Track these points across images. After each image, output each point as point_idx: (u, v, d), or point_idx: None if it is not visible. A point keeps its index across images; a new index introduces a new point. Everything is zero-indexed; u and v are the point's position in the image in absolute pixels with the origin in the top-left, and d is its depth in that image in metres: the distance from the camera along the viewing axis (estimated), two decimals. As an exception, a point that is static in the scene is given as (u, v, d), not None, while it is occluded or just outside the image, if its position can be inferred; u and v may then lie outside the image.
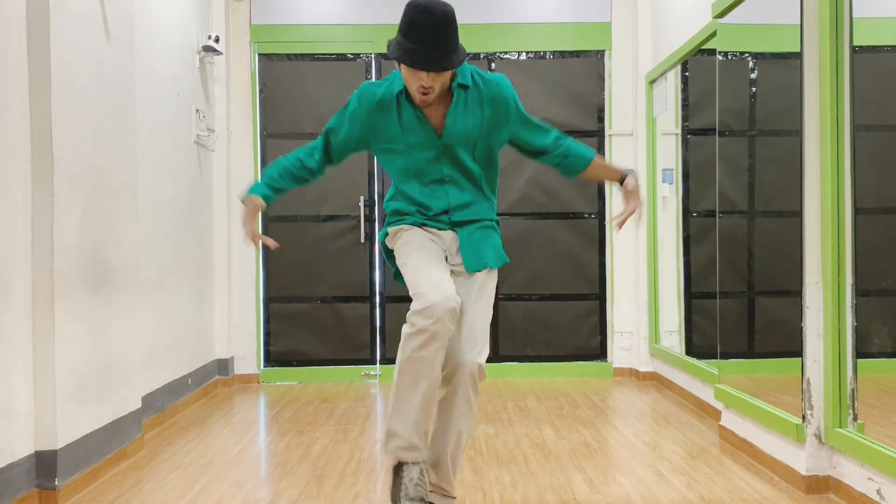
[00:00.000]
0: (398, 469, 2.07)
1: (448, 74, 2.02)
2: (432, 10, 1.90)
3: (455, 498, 2.22)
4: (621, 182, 2.39)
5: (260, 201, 2.14)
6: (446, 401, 2.12)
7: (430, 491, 2.12)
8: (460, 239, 2.20)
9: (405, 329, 1.99)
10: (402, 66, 1.98)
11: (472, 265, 2.17)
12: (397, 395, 2.04)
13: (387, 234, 2.26)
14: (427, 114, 2.10)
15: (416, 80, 1.98)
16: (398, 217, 2.22)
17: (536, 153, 2.26)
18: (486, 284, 2.19)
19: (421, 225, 2.20)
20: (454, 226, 2.21)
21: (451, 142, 2.11)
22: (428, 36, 1.90)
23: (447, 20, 1.91)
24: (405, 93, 2.08)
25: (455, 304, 1.99)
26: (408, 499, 2.01)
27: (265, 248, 4.84)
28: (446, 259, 2.19)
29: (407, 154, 2.14)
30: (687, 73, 4.22)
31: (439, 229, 2.21)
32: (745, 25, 3.14)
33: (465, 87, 2.10)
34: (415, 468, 2.04)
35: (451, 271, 2.18)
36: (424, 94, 2.01)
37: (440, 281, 2.02)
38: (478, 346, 2.10)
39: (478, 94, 2.11)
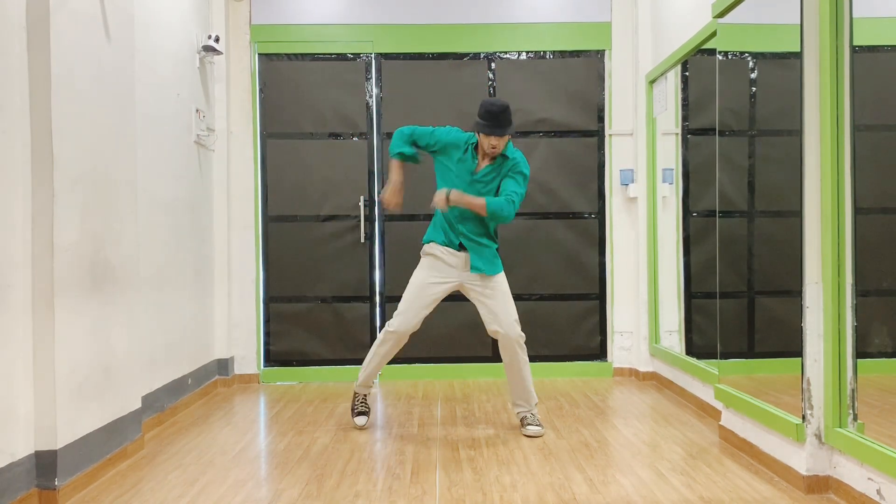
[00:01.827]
0: (355, 396, 3.65)
1: (507, 138, 3.29)
2: (496, 104, 3.24)
3: (535, 403, 3.50)
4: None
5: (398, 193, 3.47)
6: (511, 363, 3.42)
7: (527, 411, 3.47)
8: (471, 255, 3.38)
9: (381, 332, 3.50)
10: (481, 134, 3.27)
11: (489, 270, 3.38)
12: (367, 362, 3.55)
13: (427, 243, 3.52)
14: (479, 161, 3.39)
15: (488, 141, 3.27)
16: (431, 235, 3.50)
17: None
18: (501, 284, 3.42)
19: (443, 244, 3.43)
20: (466, 246, 3.39)
21: (479, 178, 3.36)
22: (495, 117, 3.23)
23: (505, 109, 3.25)
24: (475, 145, 3.38)
25: (412, 328, 3.42)
26: (356, 412, 3.61)
27: (265, 248, 4.85)
28: (466, 282, 3.43)
29: (453, 173, 3.40)
30: (687, 73, 4.22)
31: (456, 249, 3.40)
32: (745, 25, 3.14)
33: (504, 156, 3.36)
34: (361, 395, 3.64)
35: (473, 290, 3.41)
36: (493, 148, 3.29)
37: (412, 315, 3.40)
38: (514, 323, 3.38)
39: (509, 163, 3.36)
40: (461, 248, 3.39)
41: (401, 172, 3.46)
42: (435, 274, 3.41)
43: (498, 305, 3.36)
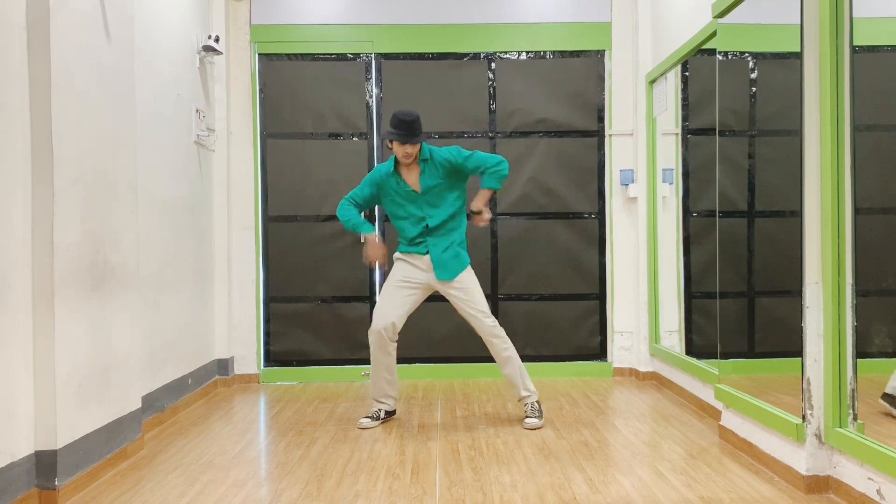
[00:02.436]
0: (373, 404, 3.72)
1: (417, 146, 3.45)
2: (405, 113, 3.42)
3: (533, 392, 3.61)
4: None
5: (379, 247, 3.60)
6: (494, 354, 3.61)
7: (527, 400, 3.59)
8: (433, 260, 3.53)
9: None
10: (394, 142, 3.44)
11: (451, 276, 3.54)
12: (371, 371, 3.66)
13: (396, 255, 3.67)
14: (407, 179, 3.55)
15: (402, 150, 3.44)
16: (399, 244, 3.66)
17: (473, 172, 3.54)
18: (465, 280, 3.56)
19: (406, 252, 3.60)
20: (428, 250, 3.55)
21: (423, 191, 3.52)
22: (405, 126, 3.41)
23: (414, 119, 3.42)
24: (395, 167, 3.54)
25: (388, 324, 3.52)
26: (364, 415, 3.72)
27: (265, 248, 4.85)
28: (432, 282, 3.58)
29: (399, 201, 3.59)
30: (687, 73, 4.22)
31: (420, 254, 3.57)
32: (745, 25, 3.14)
33: (425, 160, 3.51)
34: (375, 406, 3.69)
35: (443, 290, 3.57)
36: (406, 157, 3.45)
37: (386, 312, 3.54)
38: (482, 315, 3.54)
39: (432, 161, 3.51)
40: (426, 252, 3.57)
41: (373, 235, 3.60)
42: (404, 274, 3.59)
43: (466, 300, 3.53)
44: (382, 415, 3.66)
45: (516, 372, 3.57)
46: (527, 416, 3.54)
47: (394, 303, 3.55)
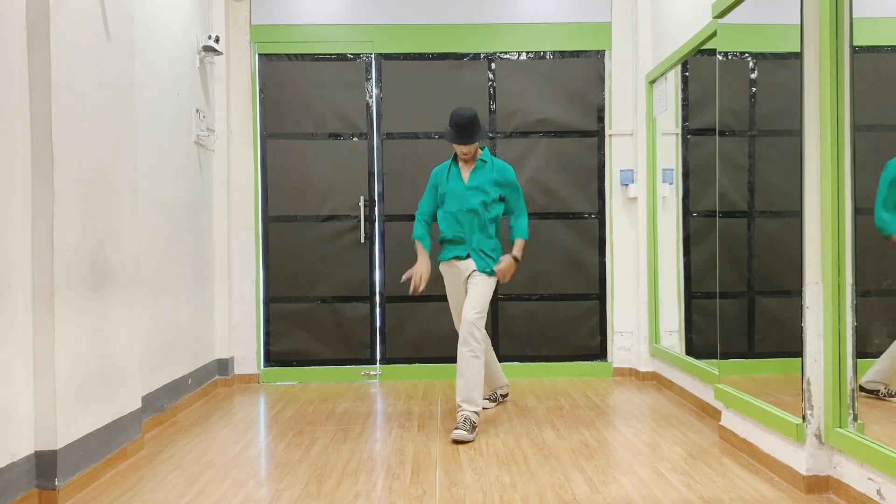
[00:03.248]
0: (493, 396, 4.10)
1: (475, 145, 3.59)
2: (463, 115, 3.52)
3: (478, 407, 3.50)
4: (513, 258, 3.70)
5: (425, 265, 3.65)
6: (459, 352, 3.49)
7: (463, 412, 3.46)
8: (473, 258, 3.63)
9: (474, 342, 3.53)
10: (452, 143, 3.58)
11: (479, 267, 3.63)
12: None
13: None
14: (462, 171, 3.69)
15: (460, 150, 3.60)
16: (441, 256, 3.78)
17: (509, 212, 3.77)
18: (486, 279, 3.61)
19: (447, 260, 3.72)
20: (469, 254, 3.65)
21: (470, 186, 3.63)
22: (462, 128, 3.53)
23: (472, 119, 3.52)
24: (453, 159, 3.72)
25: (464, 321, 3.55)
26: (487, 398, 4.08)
27: (265, 248, 4.85)
28: (467, 278, 3.67)
29: (450, 193, 3.68)
30: (687, 73, 4.22)
31: (460, 258, 3.67)
32: (745, 25, 3.14)
33: (483, 161, 3.66)
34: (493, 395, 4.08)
35: (469, 279, 3.64)
36: (465, 154, 3.60)
37: (456, 313, 3.79)
38: (472, 312, 3.49)
39: (492, 168, 3.65)
40: (466, 256, 3.65)
41: (426, 258, 3.66)
42: (453, 283, 3.75)
43: (472, 293, 3.56)
44: (499, 398, 4.07)
45: (474, 383, 3.44)
46: (456, 427, 3.34)
47: (458, 311, 3.77)
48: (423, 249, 3.66)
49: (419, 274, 3.59)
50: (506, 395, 4.10)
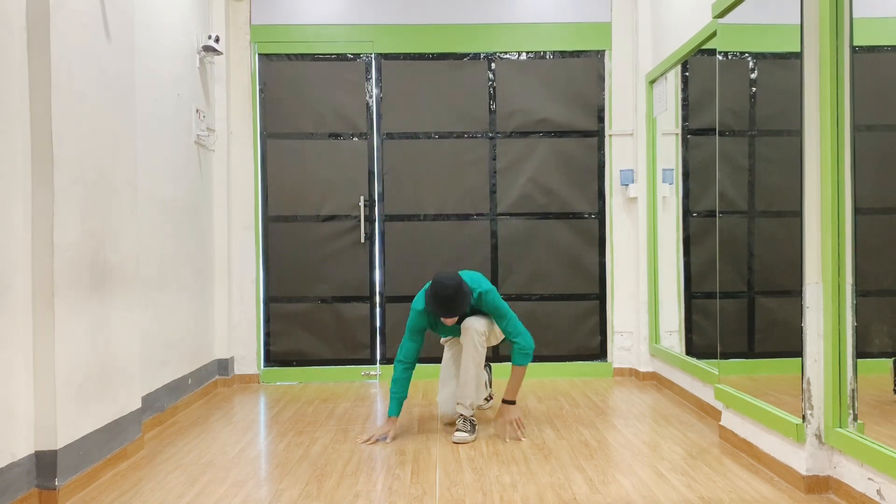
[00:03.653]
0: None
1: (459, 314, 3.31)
2: (445, 287, 3.19)
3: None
4: (507, 401, 3.43)
5: (393, 423, 3.39)
6: (463, 353, 3.39)
7: (462, 413, 3.42)
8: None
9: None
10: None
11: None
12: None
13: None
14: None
15: (445, 319, 3.33)
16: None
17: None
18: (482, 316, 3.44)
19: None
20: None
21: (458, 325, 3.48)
22: (445, 302, 3.20)
23: (455, 293, 3.20)
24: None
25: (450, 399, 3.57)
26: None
27: (265, 248, 4.85)
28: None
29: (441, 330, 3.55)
30: (687, 73, 4.22)
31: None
32: (745, 25, 3.14)
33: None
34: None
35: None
36: (448, 323, 3.35)
37: (447, 399, 3.57)
38: (477, 325, 3.37)
39: (479, 305, 3.38)
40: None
41: (393, 424, 3.38)
42: (450, 348, 3.69)
43: (476, 318, 3.40)
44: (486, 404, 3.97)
45: (472, 382, 3.41)
46: (457, 430, 3.36)
47: (448, 376, 3.61)
48: (392, 411, 3.38)
49: (381, 435, 3.33)
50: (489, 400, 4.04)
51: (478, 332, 3.35)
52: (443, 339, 3.80)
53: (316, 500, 2.57)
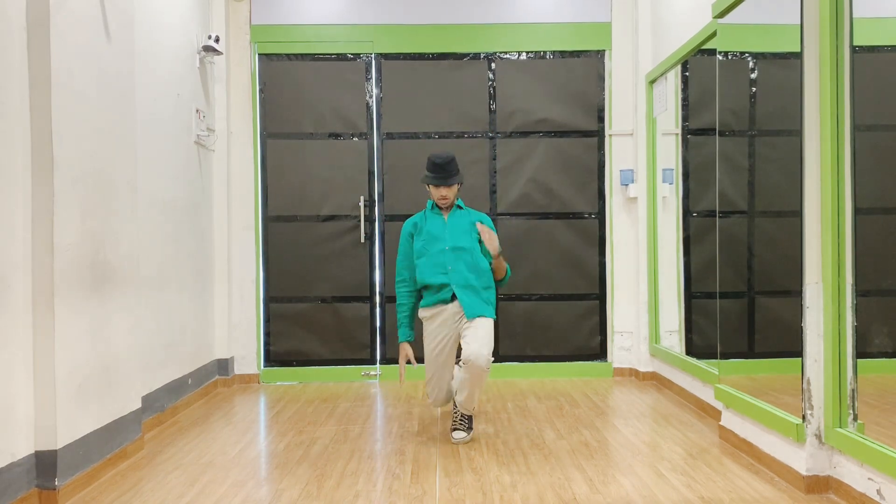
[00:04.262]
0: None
1: (455, 188, 3.42)
2: (440, 156, 3.37)
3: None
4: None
5: (409, 348, 3.48)
6: (471, 378, 3.21)
7: (462, 414, 3.39)
8: (461, 302, 3.31)
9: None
10: (430, 185, 3.40)
11: (469, 313, 3.30)
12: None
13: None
14: (442, 215, 3.46)
15: (437, 192, 3.39)
16: (422, 302, 3.48)
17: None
18: (486, 323, 3.29)
19: (430, 306, 3.40)
20: (454, 297, 3.35)
21: (450, 226, 3.42)
22: (441, 168, 3.36)
23: (450, 160, 3.38)
24: (430, 207, 3.49)
25: (443, 397, 3.45)
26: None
27: (265, 248, 4.85)
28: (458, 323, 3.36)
29: (429, 240, 3.43)
30: (687, 73, 4.22)
31: (445, 303, 3.35)
32: (745, 25, 3.14)
33: (459, 207, 3.48)
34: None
35: (462, 328, 3.32)
36: (443, 198, 3.39)
37: (433, 383, 3.43)
38: (486, 351, 3.19)
39: (467, 214, 3.47)
40: (452, 298, 3.34)
41: (406, 344, 3.47)
42: (435, 338, 3.37)
43: (476, 332, 3.22)
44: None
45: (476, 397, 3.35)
46: (456, 429, 3.35)
47: (439, 371, 3.39)
48: (403, 335, 3.44)
49: (403, 364, 3.44)
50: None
51: (485, 365, 3.16)
52: (424, 332, 3.47)
53: (316, 500, 2.57)
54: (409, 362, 3.49)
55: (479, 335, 3.19)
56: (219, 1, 4.66)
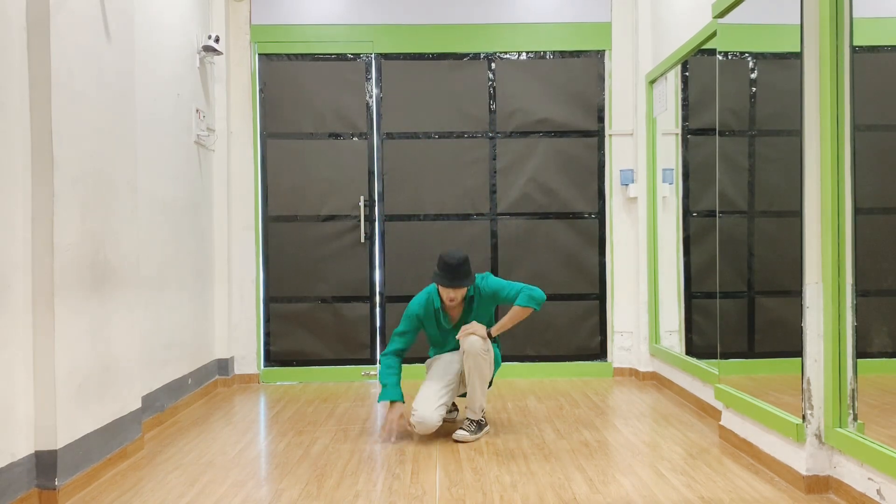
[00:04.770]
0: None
1: (464, 290, 3.35)
2: (453, 256, 3.31)
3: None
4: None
5: (401, 406, 3.42)
6: (475, 366, 3.27)
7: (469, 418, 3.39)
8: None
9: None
10: (440, 286, 3.35)
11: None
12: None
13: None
14: (451, 315, 3.50)
15: (446, 294, 3.35)
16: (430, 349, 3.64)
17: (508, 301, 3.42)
18: (477, 326, 3.34)
19: (439, 354, 3.54)
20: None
21: (463, 322, 3.46)
22: (452, 270, 3.30)
23: (462, 262, 3.31)
24: (441, 306, 3.46)
25: (433, 416, 3.30)
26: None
27: (265, 248, 4.85)
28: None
29: (437, 334, 3.53)
30: (687, 73, 4.22)
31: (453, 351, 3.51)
32: (745, 25, 3.14)
33: (471, 297, 3.44)
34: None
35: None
36: (451, 300, 3.36)
37: (429, 397, 3.34)
38: (480, 345, 3.26)
39: (479, 297, 3.43)
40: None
41: (398, 404, 3.41)
42: (442, 369, 3.45)
43: (472, 331, 3.31)
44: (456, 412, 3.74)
45: (484, 390, 3.39)
46: (461, 429, 3.36)
47: (441, 386, 3.38)
48: (393, 395, 3.39)
49: (391, 428, 3.39)
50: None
51: (482, 350, 3.25)
52: (429, 361, 3.60)
53: (316, 500, 2.57)
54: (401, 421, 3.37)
55: (474, 330, 3.30)
56: (219, 1, 4.66)
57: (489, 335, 3.31)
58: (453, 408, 3.73)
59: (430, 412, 3.27)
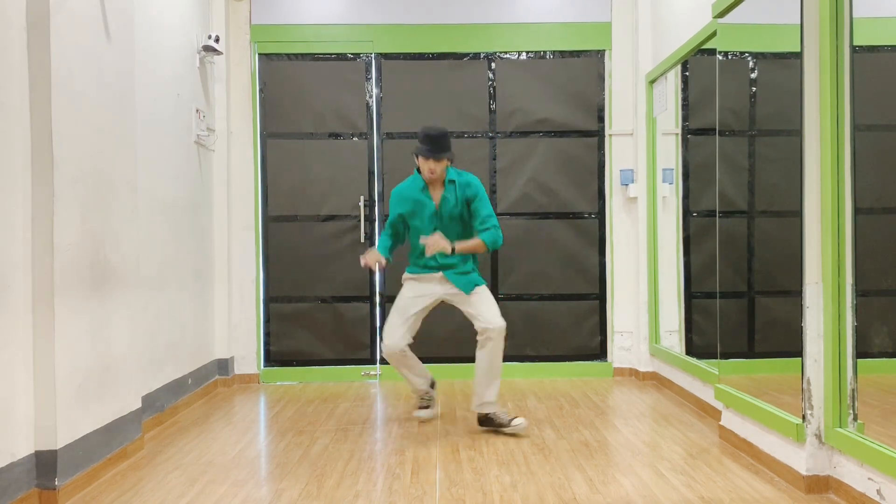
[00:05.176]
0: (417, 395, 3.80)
1: (444, 163, 3.41)
2: (434, 128, 3.40)
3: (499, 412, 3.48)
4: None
5: (380, 255, 3.49)
6: (489, 353, 3.38)
7: (496, 408, 3.47)
8: (448, 278, 3.48)
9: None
10: (420, 157, 3.40)
11: (467, 290, 3.47)
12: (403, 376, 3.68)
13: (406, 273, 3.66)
14: (431, 194, 3.50)
15: (426, 165, 3.39)
16: (410, 268, 3.64)
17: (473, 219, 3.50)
18: (482, 291, 3.49)
19: (415, 273, 3.58)
20: (441, 268, 3.51)
21: (442, 210, 3.48)
22: (432, 141, 3.37)
23: (443, 134, 3.40)
24: (424, 185, 3.49)
25: (400, 342, 3.47)
26: (418, 407, 3.83)
27: (265, 248, 4.85)
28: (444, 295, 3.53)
29: (419, 219, 3.52)
30: (687, 73, 4.22)
31: (431, 272, 3.52)
32: (745, 25, 3.14)
33: (452, 181, 3.48)
34: (418, 396, 3.79)
35: (454, 300, 3.50)
36: (431, 172, 3.40)
37: (392, 328, 3.48)
38: (498, 317, 3.39)
39: (457, 184, 3.47)
40: (438, 268, 3.52)
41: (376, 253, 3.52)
42: (412, 292, 3.54)
43: (482, 305, 3.42)
44: (430, 398, 3.78)
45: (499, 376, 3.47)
46: (511, 421, 3.41)
47: (404, 316, 3.50)
48: (376, 252, 3.51)
49: (371, 260, 3.46)
50: (433, 384, 3.81)
51: (501, 323, 3.35)
52: (402, 290, 3.60)
53: (316, 500, 2.57)
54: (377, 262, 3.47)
55: (487, 304, 3.41)
56: (219, 1, 4.66)
57: (453, 250, 3.34)
58: (428, 404, 3.80)
59: (399, 341, 3.46)
